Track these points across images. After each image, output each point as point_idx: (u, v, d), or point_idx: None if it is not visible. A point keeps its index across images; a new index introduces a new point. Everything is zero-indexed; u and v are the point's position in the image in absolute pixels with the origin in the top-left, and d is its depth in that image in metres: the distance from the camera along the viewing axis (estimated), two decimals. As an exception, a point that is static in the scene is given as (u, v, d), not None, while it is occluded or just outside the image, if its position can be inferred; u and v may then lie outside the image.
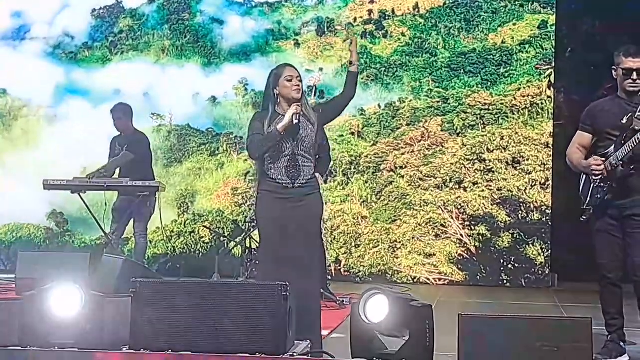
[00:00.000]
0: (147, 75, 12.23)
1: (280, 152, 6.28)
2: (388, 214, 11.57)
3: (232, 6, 12.18)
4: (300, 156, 6.29)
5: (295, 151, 6.29)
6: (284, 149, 6.28)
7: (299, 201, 6.29)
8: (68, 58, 12.47)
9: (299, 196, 6.28)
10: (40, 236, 12.22)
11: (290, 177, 6.27)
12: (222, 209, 11.94)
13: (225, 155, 12.04)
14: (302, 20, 12.09)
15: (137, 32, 12.43)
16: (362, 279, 11.48)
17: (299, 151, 6.30)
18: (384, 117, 11.74)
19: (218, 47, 12.20)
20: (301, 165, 6.30)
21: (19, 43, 12.51)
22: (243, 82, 12.08)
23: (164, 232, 11.49)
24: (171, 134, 12.16)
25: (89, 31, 12.50)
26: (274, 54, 12.00)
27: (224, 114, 12.15)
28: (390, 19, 11.93)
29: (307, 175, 6.32)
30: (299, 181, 6.29)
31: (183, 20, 12.33)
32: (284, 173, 6.27)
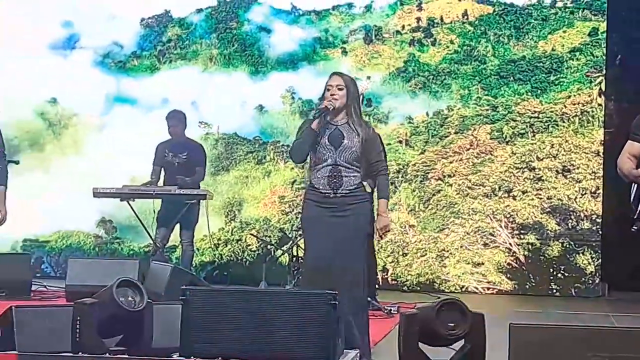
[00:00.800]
0: (194, 84, 12.28)
1: (322, 160, 6.26)
2: (436, 223, 11.50)
3: (279, 14, 12.20)
4: (342, 166, 6.25)
5: (337, 161, 6.25)
6: (325, 158, 6.26)
7: (341, 210, 6.25)
8: (117, 67, 12.55)
9: (341, 205, 6.25)
10: (89, 243, 12.31)
11: (332, 187, 6.24)
12: (269, 217, 11.95)
13: (272, 164, 12.05)
14: (349, 28, 12.08)
15: (185, 41, 12.49)
16: (410, 288, 11.42)
17: (341, 161, 6.25)
18: (432, 125, 11.69)
19: (265, 55, 12.22)
20: (343, 175, 6.25)
21: (69, 52, 12.62)
22: (290, 91, 12.09)
23: (211, 240, 11.51)
24: (218, 143, 12.19)
25: (138, 40, 12.59)
26: (321, 62, 11.99)
27: (271, 123, 12.16)
28: (438, 27, 11.88)
29: (349, 185, 6.27)
30: (340, 191, 6.25)
31: (230, 29, 12.37)
32: (325, 183, 6.25)
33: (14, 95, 12.29)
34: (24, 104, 12.23)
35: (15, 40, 12.51)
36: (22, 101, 12.17)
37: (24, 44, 12.52)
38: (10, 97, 12.28)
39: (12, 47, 12.48)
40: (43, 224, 12.38)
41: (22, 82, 12.39)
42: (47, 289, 10.12)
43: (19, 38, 12.52)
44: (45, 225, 12.39)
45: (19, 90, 12.28)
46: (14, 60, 12.46)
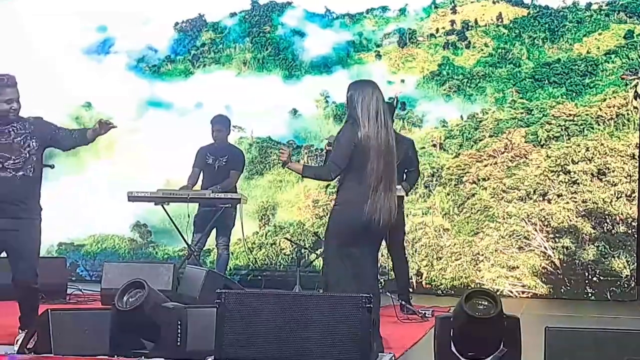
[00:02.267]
0: (228, 88, 12.31)
1: None
2: (470, 227, 11.46)
3: (313, 18, 12.21)
4: None
5: None
6: None
7: None
8: (151, 71, 12.62)
9: None
10: (124, 247, 12.37)
11: None
12: (303, 221, 11.95)
13: (306, 168, 12.04)
14: (383, 32, 12.07)
15: (218, 45, 12.53)
16: (444, 291, 11.38)
17: None
18: (467, 129, 11.65)
19: (299, 59, 12.24)
20: None
21: (103, 57, 12.70)
22: (324, 94, 12.10)
23: (245, 244, 11.53)
24: (252, 147, 12.21)
25: (172, 44, 12.65)
26: (355, 65, 11.99)
27: (304, 126, 12.17)
28: (473, 30, 11.84)
29: None
30: None
31: (264, 32, 12.40)
32: None
33: (49, 100, 12.35)
34: (59, 109, 12.29)
35: (50, 45, 12.60)
36: (57, 105, 12.23)
37: (58, 48, 12.61)
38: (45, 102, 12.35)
39: (47, 52, 12.57)
40: (78, 228, 12.46)
41: (57, 87, 12.47)
42: (83, 293, 10.17)
43: (54, 42, 12.61)
44: (80, 229, 12.46)
45: (54, 95, 12.35)
46: (49, 64, 12.55)
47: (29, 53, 12.50)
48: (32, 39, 12.60)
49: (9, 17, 12.77)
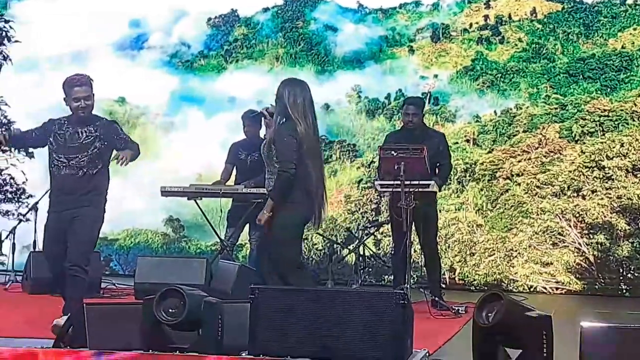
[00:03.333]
0: (261, 83, 12.31)
1: None
2: (504, 222, 11.40)
3: (345, 13, 12.19)
4: None
5: None
6: None
7: None
8: (184, 67, 12.65)
9: None
10: (157, 242, 12.41)
11: None
12: (335, 217, 11.94)
13: (338, 163, 12.03)
14: (416, 27, 12.03)
15: (251, 41, 12.54)
16: (477, 287, 11.33)
17: None
18: (500, 124, 11.59)
19: (331, 54, 12.23)
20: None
21: (137, 52, 12.74)
22: (356, 90, 12.07)
23: (277, 239, 11.50)
24: (285, 141, 12.19)
25: (205, 40, 12.67)
26: (387, 60, 11.96)
27: (337, 122, 12.15)
28: (506, 24, 11.78)
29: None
30: None
31: (297, 28, 12.39)
32: None
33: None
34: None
35: (84, 40, 12.66)
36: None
37: (92, 43, 12.67)
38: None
39: (81, 47, 12.63)
40: (112, 222, 12.46)
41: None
42: (116, 287, 10.22)
43: (87, 37, 12.67)
44: (113, 223, 12.50)
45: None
46: (83, 59, 12.61)
47: (64, 48, 12.57)
48: (67, 35, 12.65)
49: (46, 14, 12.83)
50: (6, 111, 12.59)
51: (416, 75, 11.68)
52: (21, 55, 12.71)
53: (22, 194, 12.54)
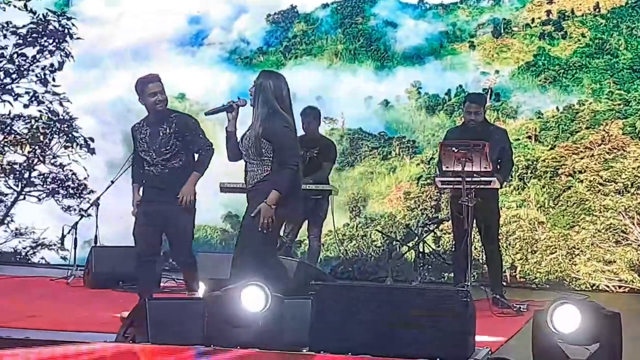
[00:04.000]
0: (320, 79, 12.30)
1: None
2: (566, 220, 11.27)
3: (405, 9, 12.13)
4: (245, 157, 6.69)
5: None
6: None
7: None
8: (243, 63, 12.68)
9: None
10: (216, 237, 12.45)
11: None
12: (394, 213, 11.89)
13: (397, 159, 11.98)
14: (477, 22, 11.93)
15: (310, 37, 12.53)
16: (539, 285, 11.20)
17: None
18: (563, 120, 11.46)
19: (391, 50, 12.17)
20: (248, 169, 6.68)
21: (196, 49, 12.80)
22: (416, 85, 12.01)
23: (336, 236, 11.50)
24: (343, 138, 12.18)
25: (264, 36, 12.68)
26: (448, 56, 11.88)
27: (396, 118, 12.10)
28: (569, 20, 11.64)
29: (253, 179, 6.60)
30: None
31: (356, 23, 12.35)
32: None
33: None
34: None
35: (144, 37, 12.74)
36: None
37: (153, 40, 12.75)
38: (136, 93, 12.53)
39: (141, 44, 12.72)
40: (171, 218, 12.58)
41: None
42: (176, 282, 10.26)
43: (148, 34, 12.75)
44: (173, 219, 12.58)
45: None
46: (143, 56, 12.70)
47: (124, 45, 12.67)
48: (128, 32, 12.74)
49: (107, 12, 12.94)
50: (68, 107, 12.71)
51: (477, 71, 11.60)
52: (83, 52, 12.81)
53: (84, 190, 12.65)
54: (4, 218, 12.75)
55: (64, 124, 12.77)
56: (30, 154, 12.77)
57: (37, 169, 12.78)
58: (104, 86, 12.77)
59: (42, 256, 12.64)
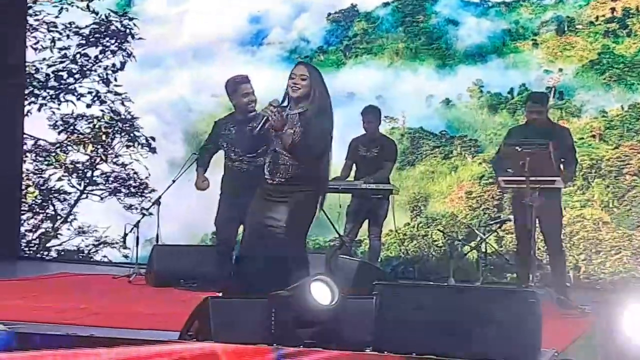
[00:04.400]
0: (380, 77, 12.25)
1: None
2: (631, 220, 11.09)
3: (467, 7, 12.01)
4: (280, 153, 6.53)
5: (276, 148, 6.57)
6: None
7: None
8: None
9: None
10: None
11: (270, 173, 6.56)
12: (455, 213, 11.80)
13: (459, 159, 11.89)
14: (540, 20, 11.78)
15: (371, 35, 12.46)
16: (603, 286, 11.04)
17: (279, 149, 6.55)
18: (628, 119, 11.28)
19: (453, 48, 12.07)
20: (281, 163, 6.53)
21: (257, 48, 12.80)
22: (478, 84, 11.90)
23: (397, 235, 11.46)
24: (404, 137, 12.11)
25: (324, 35, 12.65)
26: (511, 54, 11.75)
27: (458, 116, 12.00)
28: (634, 17, 11.45)
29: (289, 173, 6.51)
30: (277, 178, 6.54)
31: (417, 22, 12.27)
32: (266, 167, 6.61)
33: (204, 90, 12.56)
34: (214, 99, 12.47)
35: (205, 36, 12.79)
36: (212, 96, 12.40)
37: (213, 39, 12.79)
38: (200, 92, 12.58)
39: (202, 43, 12.76)
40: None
41: (211, 77, 12.61)
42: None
43: (209, 34, 12.79)
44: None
45: (208, 86, 12.52)
46: (204, 55, 12.74)
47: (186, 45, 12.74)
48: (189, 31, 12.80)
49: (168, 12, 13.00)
50: (130, 107, 12.82)
51: (540, 69, 11.47)
52: (144, 52, 12.91)
53: (145, 189, 12.75)
54: (67, 216, 12.89)
55: (125, 123, 12.88)
56: (93, 153, 12.90)
57: (100, 168, 12.90)
58: (165, 86, 12.84)
59: (104, 254, 12.75)
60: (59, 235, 12.94)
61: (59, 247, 12.94)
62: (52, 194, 12.98)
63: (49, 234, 12.93)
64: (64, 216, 12.94)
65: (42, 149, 12.99)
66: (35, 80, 13.01)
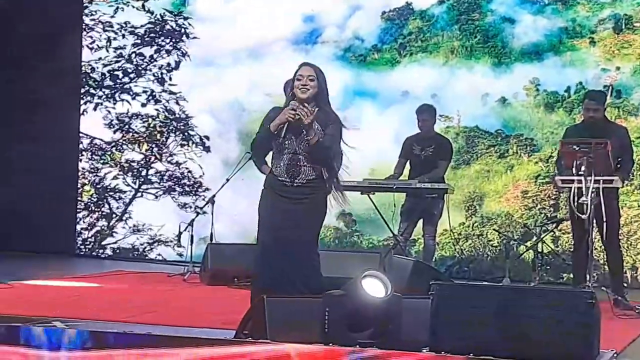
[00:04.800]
0: (435, 76, 12.17)
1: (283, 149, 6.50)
2: (691, 219, 10.93)
3: (524, 5, 11.88)
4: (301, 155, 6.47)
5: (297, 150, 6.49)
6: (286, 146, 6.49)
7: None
8: (358, 61, 12.61)
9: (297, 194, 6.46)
10: (329, 236, 12.42)
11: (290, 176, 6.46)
12: (511, 212, 11.68)
13: (515, 158, 11.77)
14: (597, 18, 11.61)
15: (426, 34, 12.38)
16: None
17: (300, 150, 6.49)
18: (686, 116, 11.11)
19: (509, 46, 11.94)
20: (301, 164, 6.48)
21: (310, 47, 12.78)
22: (534, 82, 11.77)
23: (451, 235, 11.39)
24: (459, 136, 12.02)
25: (379, 33, 12.59)
26: (567, 52, 11.61)
27: (513, 115, 11.89)
28: (693, 14, 11.28)
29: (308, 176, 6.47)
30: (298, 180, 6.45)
31: (473, 20, 12.16)
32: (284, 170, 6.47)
33: (258, 89, 12.57)
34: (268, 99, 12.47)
35: (259, 36, 12.80)
36: (266, 95, 12.42)
37: (267, 39, 12.80)
38: (254, 91, 12.61)
39: (257, 43, 12.78)
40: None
41: (265, 76, 12.63)
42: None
43: (263, 33, 12.80)
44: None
45: (262, 85, 12.53)
46: (258, 54, 12.76)
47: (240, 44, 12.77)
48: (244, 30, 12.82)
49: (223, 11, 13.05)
50: (184, 106, 12.89)
51: (597, 67, 11.33)
52: (199, 51, 12.96)
53: (199, 188, 12.81)
54: (122, 215, 13.00)
55: (180, 122, 12.95)
56: (148, 152, 12.99)
57: (154, 166, 12.99)
58: (219, 85, 12.88)
59: (158, 252, 12.84)
60: (114, 233, 13.05)
61: (114, 245, 13.05)
62: (107, 192, 13.09)
63: (104, 232, 13.04)
64: (119, 214, 13.05)
65: (97, 147, 13.11)
66: (91, 79, 13.13)
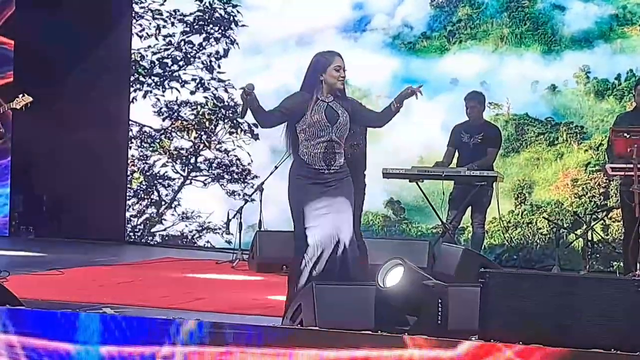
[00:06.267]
0: (484, 64, 12.09)
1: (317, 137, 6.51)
2: None
3: (573, -8, 11.77)
4: (336, 143, 6.51)
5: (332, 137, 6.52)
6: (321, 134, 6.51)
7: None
8: (406, 48, 12.56)
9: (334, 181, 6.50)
10: (378, 223, 12.41)
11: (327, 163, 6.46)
12: (561, 200, 11.59)
13: (565, 146, 11.67)
14: (650, 5, 11.48)
15: (475, 21, 12.29)
16: None
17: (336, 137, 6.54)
18: None
19: (559, 34, 11.83)
20: (336, 151, 6.50)
21: (359, 35, 12.75)
22: (585, 70, 11.65)
23: (500, 223, 11.32)
24: (508, 124, 11.94)
25: (428, 21, 12.52)
26: (618, 40, 11.47)
27: (563, 103, 11.78)
28: None
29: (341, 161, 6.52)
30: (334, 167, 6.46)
31: (523, 7, 12.06)
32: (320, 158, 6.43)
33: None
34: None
35: (308, 23, 12.79)
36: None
37: (316, 26, 12.78)
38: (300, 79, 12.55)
39: (305, 30, 12.77)
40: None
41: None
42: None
43: (312, 21, 12.79)
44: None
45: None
46: (307, 42, 12.75)
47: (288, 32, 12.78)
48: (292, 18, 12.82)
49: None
50: (233, 94, 12.92)
51: (649, 54, 11.21)
52: (248, 39, 12.99)
53: (248, 175, 12.85)
54: (171, 202, 13.08)
55: (228, 110, 12.99)
56: (196, 139, 13.05)
57: (203, 154, 13.05)
58: (267, 73, 12.88)
59: (207, 240, 12.90)
60: (163, 220, 13.13)
61: (163, 232, 13.14)
62: (156, 179, 13.18)
63: (153, 219, 13.13)
64: (168, 202, 13.13)
65: (147, 135, 13.19)
66: (141, 67, 13.21)
